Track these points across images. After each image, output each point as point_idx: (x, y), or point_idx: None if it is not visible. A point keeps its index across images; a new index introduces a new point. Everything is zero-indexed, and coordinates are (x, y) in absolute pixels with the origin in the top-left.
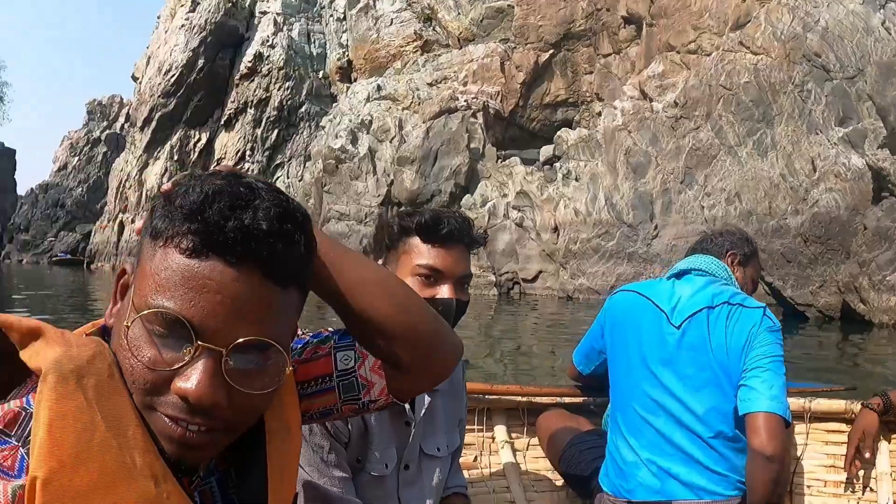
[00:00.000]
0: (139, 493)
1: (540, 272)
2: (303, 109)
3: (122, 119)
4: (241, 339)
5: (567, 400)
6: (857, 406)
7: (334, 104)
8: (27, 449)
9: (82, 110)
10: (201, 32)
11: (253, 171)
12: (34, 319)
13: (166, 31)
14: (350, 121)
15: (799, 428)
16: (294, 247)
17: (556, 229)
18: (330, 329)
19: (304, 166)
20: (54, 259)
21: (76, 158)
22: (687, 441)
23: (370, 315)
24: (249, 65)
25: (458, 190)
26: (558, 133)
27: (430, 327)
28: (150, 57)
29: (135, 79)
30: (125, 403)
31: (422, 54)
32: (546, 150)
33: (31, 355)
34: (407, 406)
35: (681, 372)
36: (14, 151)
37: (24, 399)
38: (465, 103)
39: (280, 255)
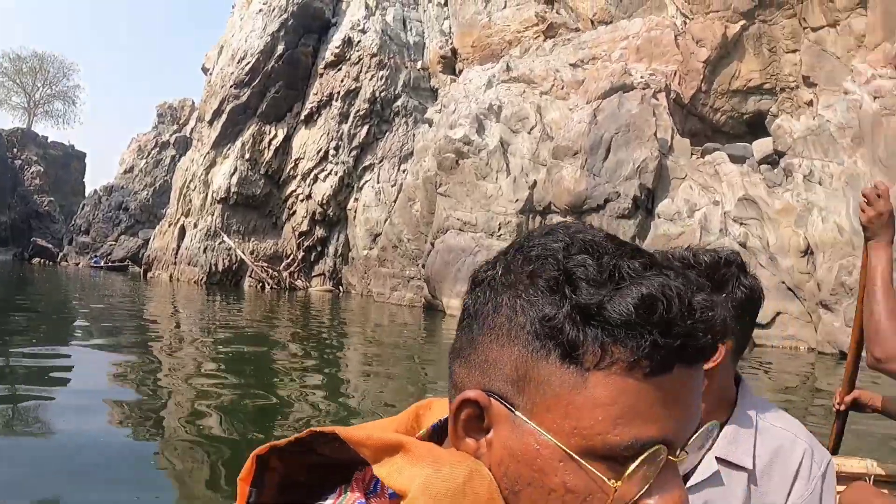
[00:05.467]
0: None
1: (778, 314)
2: (398, 103)
3: (192, 122)
4: (693, 436)
5: (879, 470)
6: None
7: (442, 95)
8: None
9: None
10: (282, 15)
11: (337, 173)
12: (392, 433)
13: (242, 18)
14: (473, 106)
15: None
16: None
17: (807, 252)
18: None
19: (399, 168)
20: (94, 264)
21: (143, 161)
22: None
23: None
24: (337, 51)
25: (644, 193)
26: (777, 123)
27: None
28: (223, 46)
29: (205, 71)
30: None
31: (545, 39)
32: (762, 145)
33: (391, 473)
34: None
35: None
36: (84, 154)
37: None
38: (642, 80)
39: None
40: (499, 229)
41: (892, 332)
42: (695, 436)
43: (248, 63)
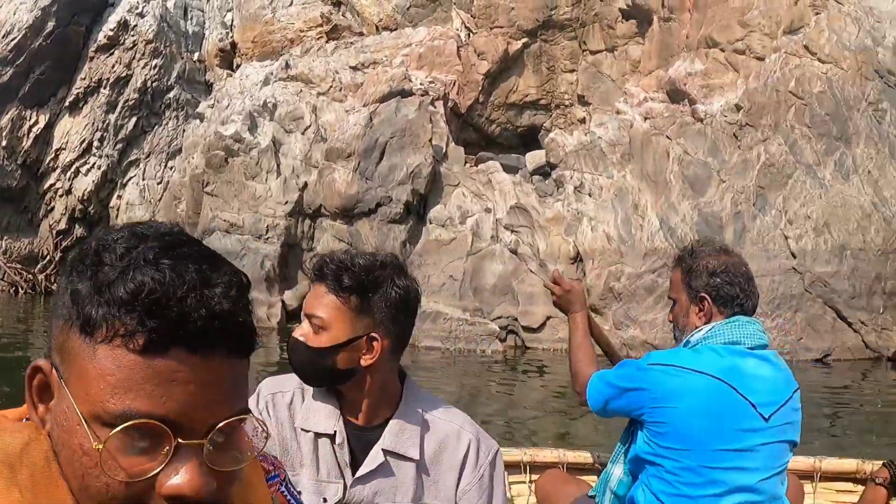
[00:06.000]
0: None
1: (548, 318)
2: (170, 95)
3: None
4: (219, 425)
5: (571, 458)
6: (868, 465)
7: (216, 89)
8: None
9: None
10: None
11: (100, 167)
12: None
13: None
14: (247, 102)
15: (807, 487)
16: (250, 315)
17: (577, 259)
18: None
19: (167, 165)
20: None
21: None
22: None
23: None
24: (111, 34)
25: (416, 199)
26: (550, 136)
27: None
28: None
29: None
30: (64, 496)
31: (328, 41)
32: (535, 156)
33: None
34: None
35: (766, 464)
36: None
37: None
38: (421, 87)
39: (242, 328)
40: (266, 231)
41: (586, 369)
42: (222, 423)
43: (14, 39)
